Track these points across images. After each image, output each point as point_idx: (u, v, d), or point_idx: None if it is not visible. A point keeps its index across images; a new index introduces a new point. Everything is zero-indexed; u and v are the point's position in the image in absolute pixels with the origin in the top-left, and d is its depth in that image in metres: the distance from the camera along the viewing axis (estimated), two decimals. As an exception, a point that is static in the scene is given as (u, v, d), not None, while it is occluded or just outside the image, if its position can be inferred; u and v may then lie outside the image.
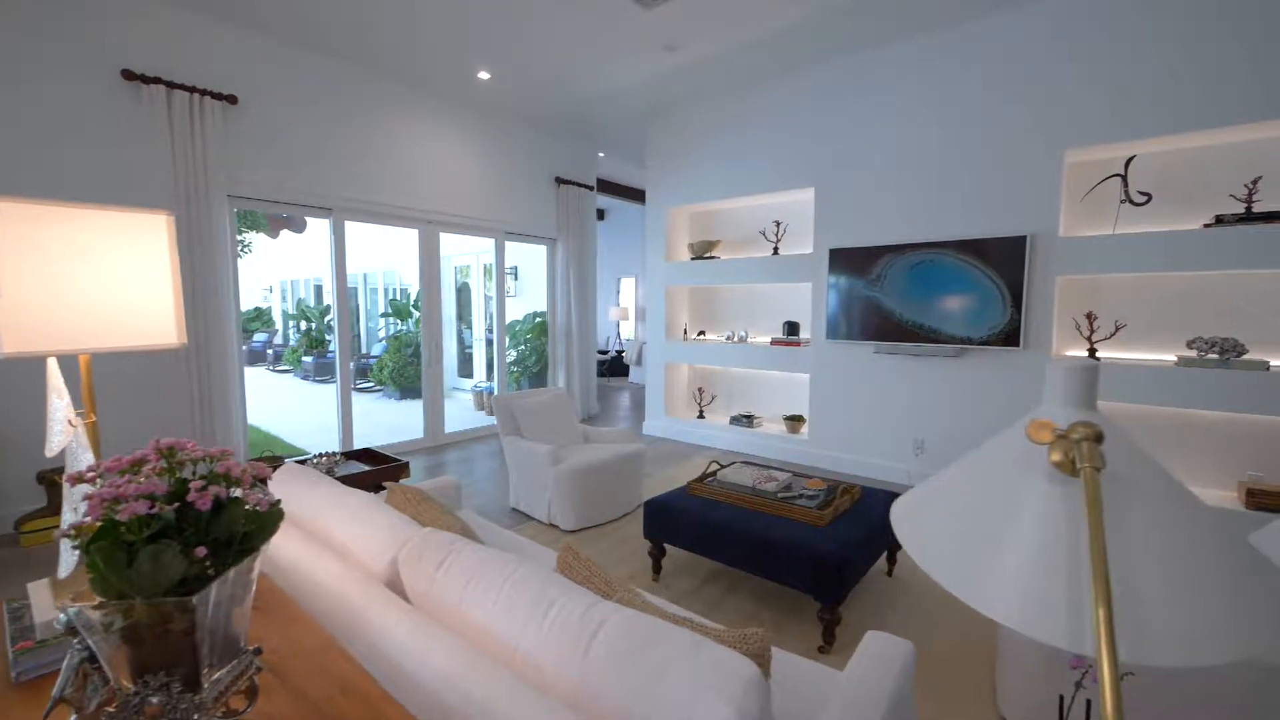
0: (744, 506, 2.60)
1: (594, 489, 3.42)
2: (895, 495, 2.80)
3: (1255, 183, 3.17)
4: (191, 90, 3.79)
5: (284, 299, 13.90)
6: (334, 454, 2.88)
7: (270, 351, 12.53)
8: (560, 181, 6.40)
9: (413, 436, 5.51)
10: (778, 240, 5.14)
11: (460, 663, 1.04)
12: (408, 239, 5.49)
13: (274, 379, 11.40)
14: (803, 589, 2.22)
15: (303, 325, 11.93)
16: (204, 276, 3.88)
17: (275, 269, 13.81)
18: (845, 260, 4.49)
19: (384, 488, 2.52)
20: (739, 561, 2.42)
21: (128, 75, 3.58)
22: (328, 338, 11.85)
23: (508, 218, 5.97)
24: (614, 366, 10.15)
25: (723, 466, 3.04)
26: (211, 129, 3.88)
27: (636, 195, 8.92)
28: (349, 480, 2.65)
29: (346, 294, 4.92)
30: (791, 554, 2.24)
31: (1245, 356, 3.22)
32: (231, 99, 4.00)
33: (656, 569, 2.77)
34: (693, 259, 5.63)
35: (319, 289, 12.87)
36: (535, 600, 1.09)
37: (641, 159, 6.77)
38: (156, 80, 3.66)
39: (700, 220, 5.93)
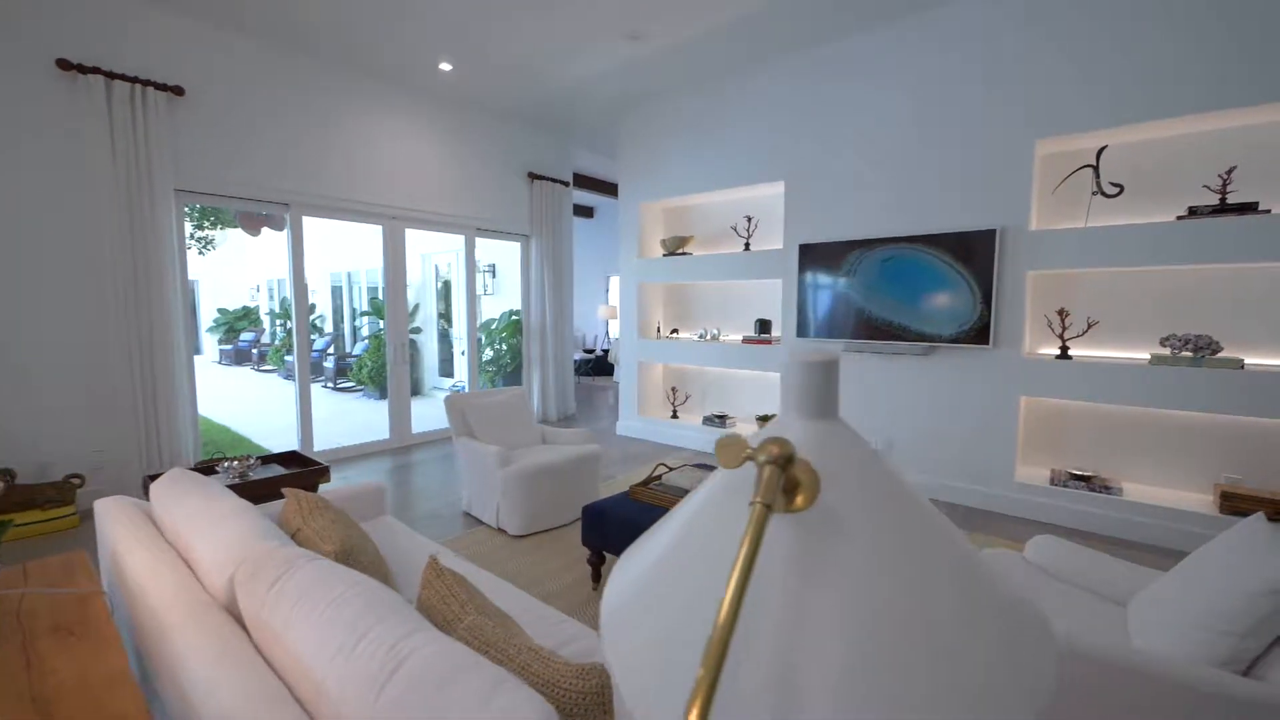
0: (684, 512, 2.47)
1: (544, 492, 3.30)
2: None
3: (1230, 173, 3.03)
4: (134, 81, 3.67)
5: (271, 298, 13.79)
6: (249, 457, 2.76)
7: (256, 351, 12.43)
8: (534, 177, 6.27)
9: (379, 437, 5.38)
10: (749, 236, 5.01)
11: (247, 702, 0.91)
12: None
13: (258, 378, 11.30)
14: (734, 601, 2.09)
15: (288, 324, 11.80)
16: (147, 271, 3.76)
17: (262, 268, 13.71)
18: (815, 256, 4.36)
19: (310, 490, 2.39)
20: (673, 571, 2.29)
21: (63, 65, 3.46)
22: (312, 336, 11.75)
23: (478, 214, 5.84)
24: (599, 365, 10.02)
25: (671, 469, 2.92)
26: (155, 121, 3.76)
27: (619, 192, 8.78)
28: (257, 486, 2.53)
29: (305, 292, 4.81)
30: (723, 564, 2.11)
31: (1220, 355, 3.08)
32: (178, 90, 3.88)
33: (596, 577, 2.65)
34: (665, 255, 5.50)
35: (304, 287, 12.74)
36: (350, 627, 0.97)
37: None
38: (94, 70, 3.53)
39: (673, 216, 5.81)
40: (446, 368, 9.58)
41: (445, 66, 4.72)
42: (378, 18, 3.98)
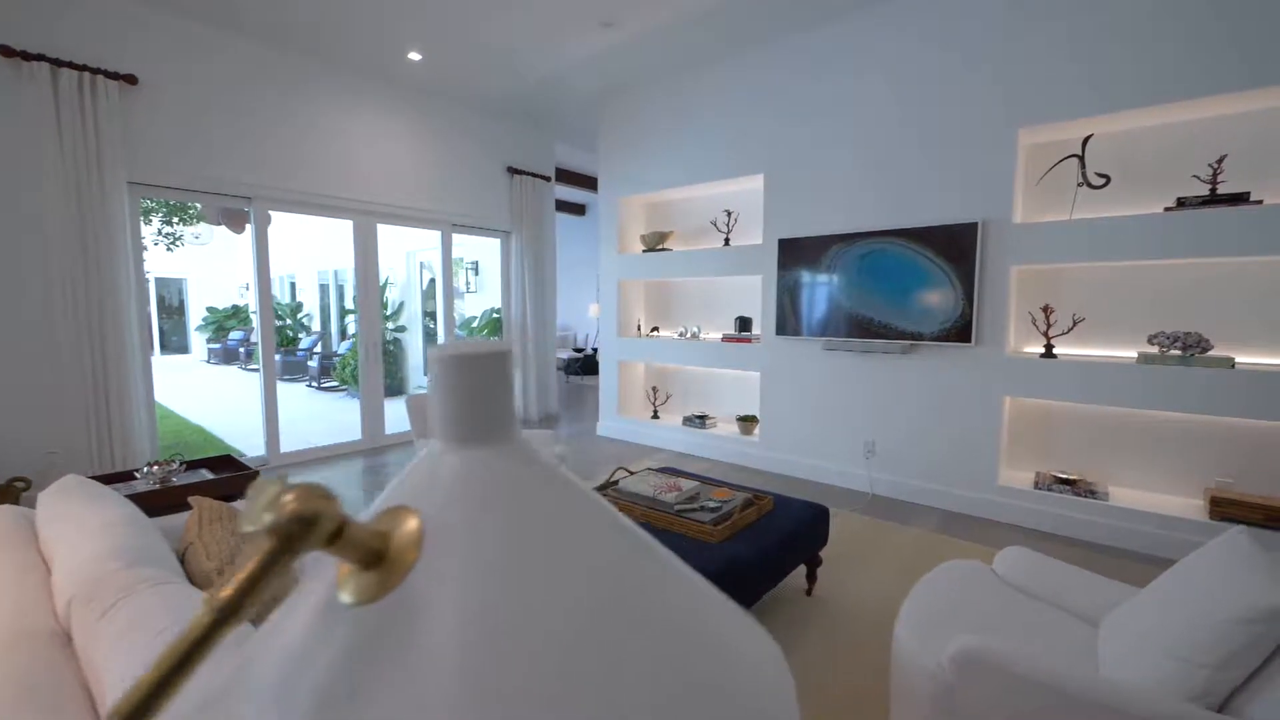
0: (636, 520, 2.33)
1: (503, 497, 3.16)
2: (815, 505, 2.54)
3: (1220, 162, 2.89)
4: (82, 69, 3.53)
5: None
6: (173, 461, 2.62)
7: (243, 350, 12.30)
8: (513, 171, 6.12)
9: (351, 438, 5.25)
10: (729, 231, 4.86)
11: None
12: (388, 233, 5.23)
13: (244, 378, 11.17)
14: (681, 617, 1.95)
15: (276, 323, 11.67)
16: (99, 266, 3.62)
17: (252, 266, 13.56)
18: (794, 251, 4.22)
19: (232, 499, 2.26)
20: (621, 583, 2.15)
21: (5, 51, 3.32)
22: (300, 335, 11.62)
23: (454, 208, 5.70)
24: (588, 365, 9.88)
25: (631, 473, 2.78)
26: (106, 111, 3.63)
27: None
28: (172, 493, 2.38)
29: (269, 289, 4.69)
30: (670, 577, 1.97)
31: (1209, 353, 2.94)
32: (130, 79, 3.74)
33: (547, 588, 2.51)
34: (644, 251, 5.36)
35: (293, 285, 12.62)
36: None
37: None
38: (39, 57, 3.40)
39: (653, 211, 5.66)
40: (432, 367, 9.44)
41: (414, 56, 4.58)
42: (340, 3, 3.84)
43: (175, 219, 11.00)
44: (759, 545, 2.12)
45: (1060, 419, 3.53)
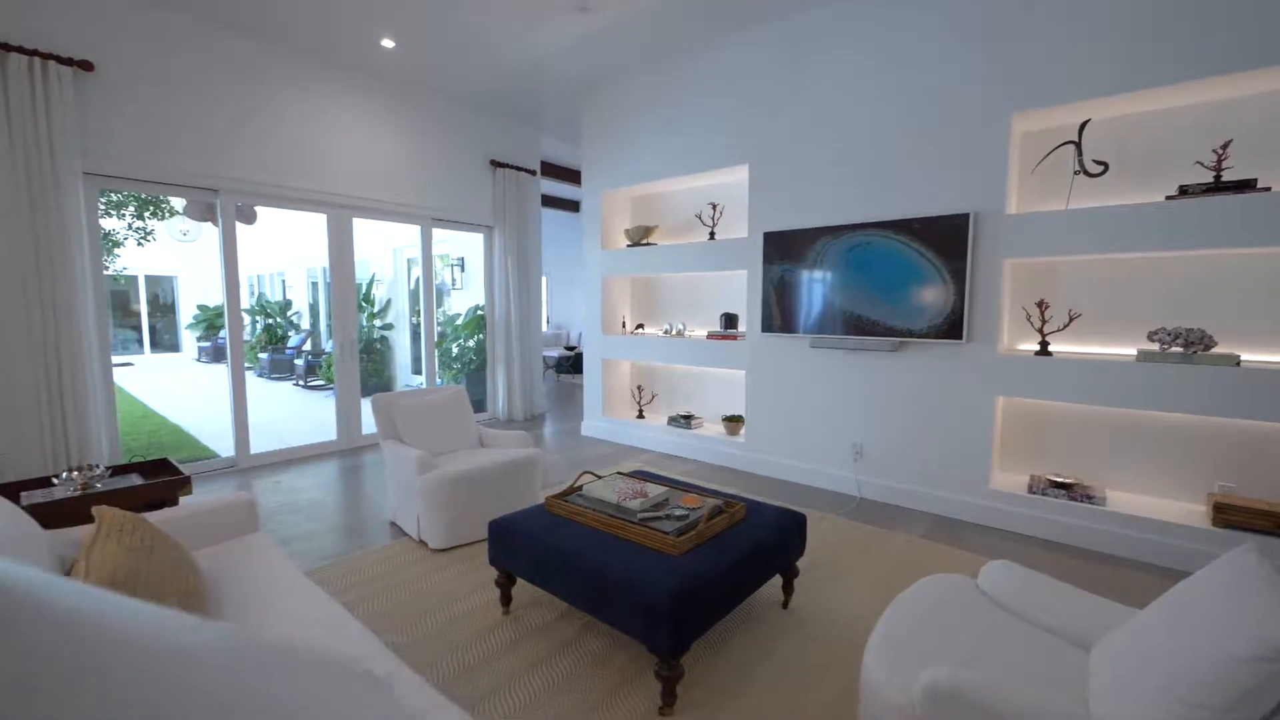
0: (598, 529, 2.18)
1: (468, 501, 3.00)
2: (791, 512, 2.38)
3: (1225, 147, 2.72)
4: (33, 54, 3.38)
5: (251, 293, 13.51)
6: (95, 466, 2.46)
7: (233, 348, 12.16)
8: (496, 165, 5.96)
9: (327, 438, 5.10)
10: (714, 224, 4.70)
11: None
12: (375, 229, 5.08)
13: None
14: (637, 636, 1.80)
15: (265, 321, 11.53)
16: (51, 261, 3.47)
17: (243, 263, 13.41)
18: (780, 244, 4.05)
19: (157, 506, 2.12)
20: (576, 598, 2.00)
21: (-52, 35, 3.17)
22: (289, 333, 11.47)
23: (434, 202, 5.54)
24: (578, 363, 9.73)
25: (598, 478, 2.62)
26: (58, 98, 3.47)
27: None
28: (94, 500, 2.21)
29: (237, 284, 4.54)
30: (626, 592, 1.82)
31: (1213, 350, 2.77)
32: (85, 65, 3.58)
33: (506, 600, 2.36)
34: (629, 246, 5.20)
35: (284, 282, 12.48)
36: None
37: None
38: (-14, 41, 3.25)
39: (639, 205, 5.50)
40: (420, 365, 9.29)
41: (388, 43, 4.41)
42: (304, -13, 3.68)
43: (146, 213, 10.82)
44: (725, 558, 1.96)
45: (1056, 420, 3.37)
